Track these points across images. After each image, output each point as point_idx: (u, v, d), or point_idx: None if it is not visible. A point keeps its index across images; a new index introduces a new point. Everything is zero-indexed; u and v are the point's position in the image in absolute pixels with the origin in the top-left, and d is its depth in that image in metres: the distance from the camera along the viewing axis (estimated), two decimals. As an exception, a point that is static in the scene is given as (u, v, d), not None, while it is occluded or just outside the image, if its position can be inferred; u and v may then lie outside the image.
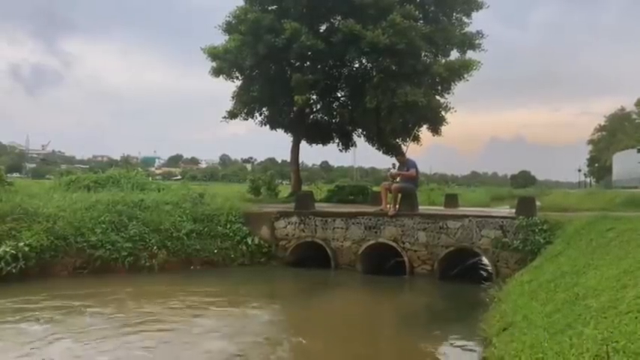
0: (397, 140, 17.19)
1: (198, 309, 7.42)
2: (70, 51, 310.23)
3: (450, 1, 16.54)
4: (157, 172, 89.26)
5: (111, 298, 7.84)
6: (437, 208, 13.46)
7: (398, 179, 10.92)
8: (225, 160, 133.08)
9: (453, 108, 17.26)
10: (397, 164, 11.39)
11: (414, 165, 10.98)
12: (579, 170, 65.16)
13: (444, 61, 16.83)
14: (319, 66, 16.60)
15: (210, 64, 16.95)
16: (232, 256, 10.98)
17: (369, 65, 16.89)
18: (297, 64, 16.69)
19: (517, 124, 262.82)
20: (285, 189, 21.64)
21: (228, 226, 11.30)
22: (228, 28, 16.47)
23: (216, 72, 16.98)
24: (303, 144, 18.69)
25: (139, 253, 9.92)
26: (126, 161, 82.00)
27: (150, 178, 16.60)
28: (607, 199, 15.52)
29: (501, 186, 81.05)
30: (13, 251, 8.57)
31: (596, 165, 64.79)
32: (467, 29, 17.09)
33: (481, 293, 7.36)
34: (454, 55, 17.26)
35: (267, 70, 16.61)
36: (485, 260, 10.26)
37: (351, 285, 9.98)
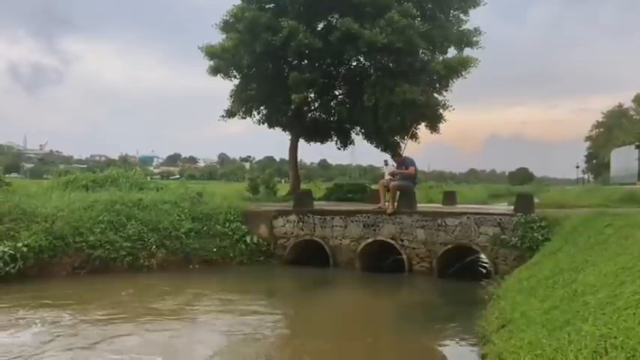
0: (395, 138, 17.20)
1: (197, 307, 7.44)
2: (68, 50, 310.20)
3: (447, -2, 16.56)
4: (156, 171, 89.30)
5: (110, 298, 7.85)
6: (435, 206, 13.48)
7: (397, 177, 10.94)
8: (223, 158, 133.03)
9: (451, 106, 17.35)
10: (389, 161, 11.41)
11: (412, 163, 11.00)
12: (577, 167, 65.30)
13: (441, 58, 16.86)
14: (317, 64, 16.61)
15: (208, 63, 16.99)
16: (231, 254, 10.99)
17: (367, 63, 16.92)
18: (295, 62, 16.68)
19: (515, 121, 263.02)
20: (283, 187, 21.68)
21: (227, 224, 11.31)
22: (226, 27, 16.44)
23: (214, 71, 16.99)
24: (302, 142, 18.72)
25: (138, 252, 9.92)
26: (124, 160, 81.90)
27: (148, 178, 16.60)
28: (605, 195, 15.52)
29: (499, 183, 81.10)
30: (11, 251, 8.57)
31: (594, 162, 64.90)
32: (464, 26, 17.12)
33: (480, 290, 7.36)
34: (452, 52, 17.32)
35: (264, 69, 16.60)
36: (483, 257, 10.27)
37: (350, 283, 10.01)
